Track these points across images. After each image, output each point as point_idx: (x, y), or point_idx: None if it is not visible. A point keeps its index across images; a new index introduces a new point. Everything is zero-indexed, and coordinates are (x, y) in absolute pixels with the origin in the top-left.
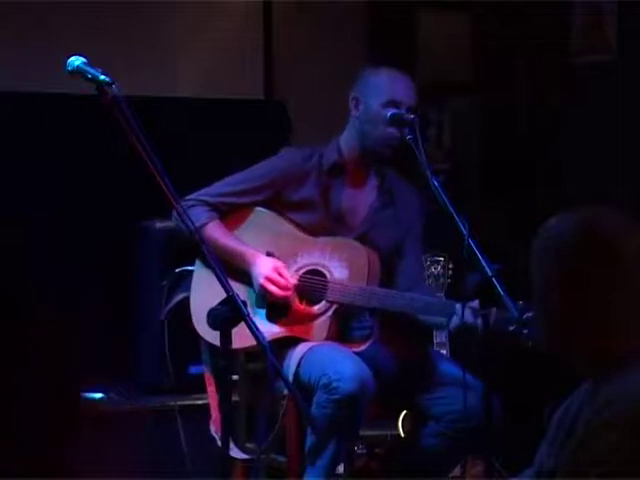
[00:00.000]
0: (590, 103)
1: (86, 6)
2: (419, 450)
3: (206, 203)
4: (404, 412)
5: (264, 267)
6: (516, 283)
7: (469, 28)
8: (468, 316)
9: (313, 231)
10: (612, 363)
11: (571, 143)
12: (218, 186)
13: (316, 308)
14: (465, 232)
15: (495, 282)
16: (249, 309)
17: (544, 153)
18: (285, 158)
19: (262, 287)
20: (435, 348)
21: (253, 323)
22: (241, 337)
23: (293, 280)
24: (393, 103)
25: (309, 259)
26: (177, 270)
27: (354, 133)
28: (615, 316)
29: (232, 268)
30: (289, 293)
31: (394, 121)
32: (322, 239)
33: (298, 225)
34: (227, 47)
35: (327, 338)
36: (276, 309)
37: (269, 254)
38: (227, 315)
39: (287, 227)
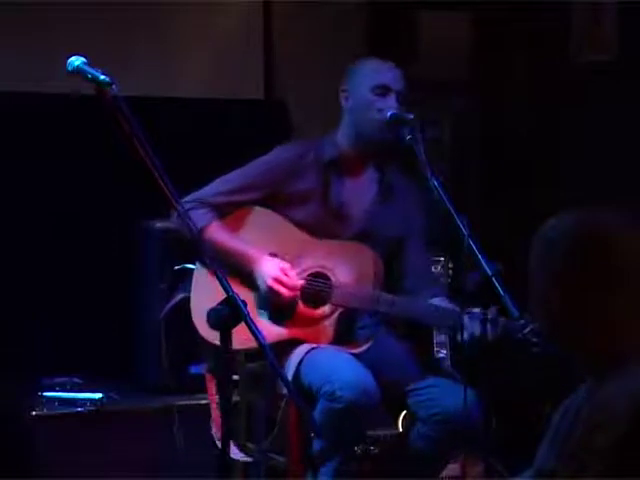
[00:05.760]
0: (590, 103)
1: (86, 6)
2: (409, 451)
3: (205, 204)
4: (404, 412)
5: (270, 268)
6: (516, 283)
7: (469, 28)
8: (475, 327)
9: (313, 226)
10: (612, 362)
11: (571, 143)
12: (215, 185)
13: (320, 311)
14: (465, 232)
15: (495, 282)
16: (251, 311)
17: (544, 153)
18: (280, 155)
19: (269, 288)
20: (435, 348)
21: (253, 323)
22: (242, 338)
23: (299, 281)
24: (381, 87)
25: (314, 261)
26: (176, 268)
27: (348, 125)
28: (615, 315)
29: (235, 269)
30: (296, 294)
31: (394, 121)
32: (327, 241)
33: (300, 225)
34: (227, 47)
35: (331, 342)
36: (280, 311)
37: (272, 255)
38: (227, 315)
39: (289, 227)
